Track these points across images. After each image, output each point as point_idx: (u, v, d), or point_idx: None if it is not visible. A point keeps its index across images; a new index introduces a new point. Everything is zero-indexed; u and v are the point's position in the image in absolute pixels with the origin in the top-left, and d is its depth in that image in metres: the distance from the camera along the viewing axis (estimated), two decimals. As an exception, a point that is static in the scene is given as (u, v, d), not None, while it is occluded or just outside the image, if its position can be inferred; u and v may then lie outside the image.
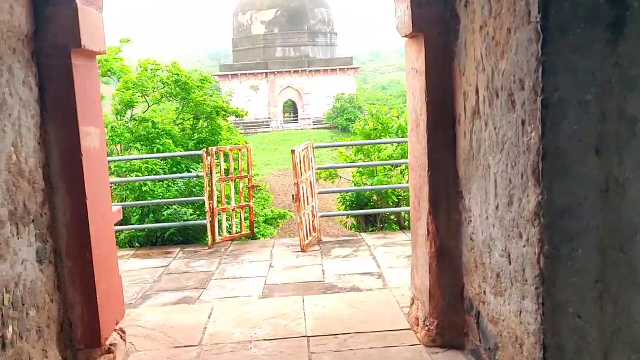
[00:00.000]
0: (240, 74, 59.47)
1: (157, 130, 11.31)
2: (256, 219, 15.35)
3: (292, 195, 7.67)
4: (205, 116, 14.03)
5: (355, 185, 8.85)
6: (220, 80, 60.90)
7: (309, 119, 59.57)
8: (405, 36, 3.44)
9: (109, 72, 13.08)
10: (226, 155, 8.94)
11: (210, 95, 15.20)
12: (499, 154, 2.52)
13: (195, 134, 13.97)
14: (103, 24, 3.36)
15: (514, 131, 2.34)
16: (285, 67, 59.22)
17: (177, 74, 13.67)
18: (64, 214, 3.21)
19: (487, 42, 2.55)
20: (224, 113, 14.82)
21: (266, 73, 59.09)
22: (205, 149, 7.84)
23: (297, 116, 60.51)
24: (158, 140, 10.63)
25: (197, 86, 14.20)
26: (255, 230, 16.91)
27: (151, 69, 13.73)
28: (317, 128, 57.72)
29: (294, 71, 59.19)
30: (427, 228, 3.40)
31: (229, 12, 65.20)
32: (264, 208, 19.45)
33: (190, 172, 9.44)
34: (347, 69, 60.64)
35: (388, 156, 8.73)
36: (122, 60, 13.74)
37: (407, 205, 8.90)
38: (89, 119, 3.20)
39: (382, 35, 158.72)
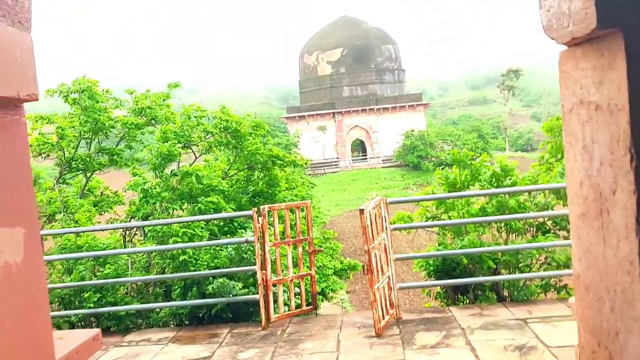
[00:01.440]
0: (308, 115, 59.08)
1: (202, 185, 10.03)
2: (322, 277, 13.86)
3: (363, 265, 6.05)
4: (261, 166, 12.63)
5: (439, 246, 7.14)
6: (288, 122, 60.85)
7: (378, 157, 58.05)
8: (568, 43, 1.82)
9: (153, 121, 12.24)
10: (281, 215, 7.47)
11: (265, 143, 13.63)
12: None
13: (250, 186, 12.63)
14: (33, 51, 1.99)
15: None
16: (352, 106, 58.34)
17: (227, 120, 12.30)
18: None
19: None
20: (281, 162, 13.23)
21: (333, 113, 58.39)
22: (255, 209, 6.42)
23: (365, 155, 59.13)
24: (203, 198, 9.36)
25: (250, 133, 12.75)
26: (324, 285, 15.36)
27: (195, 117, 12.49)
28: (387, 166, 56.11)
29: (362, 110, 58.17)
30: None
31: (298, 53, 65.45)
32: (333, 259, 17.88)
33: (244, 233, 8.03)
34: (417, 105, 58.99)
35: (479, 209, 7.00)
36: (170, 107, 12.82)
37: (507, 271, 7.05)
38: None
39: (450, 69, 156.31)
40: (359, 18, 63.59)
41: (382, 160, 57.44)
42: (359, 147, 60.34)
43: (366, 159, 58.74)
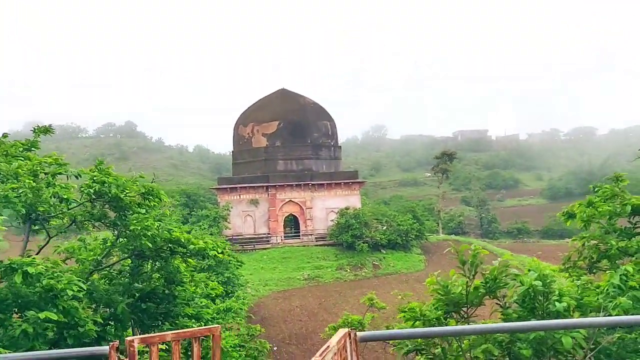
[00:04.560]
0: (240, 187, 56.41)
1: (38, 289, 6.59)
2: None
3: None
4: (153, 254, 8.75)
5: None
6: (219, 194, 57.85)
7: (311, 234, 55.64)
8: None
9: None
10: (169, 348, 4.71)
11: (160, 220, 9.49)
12: None
13: (137, 283, 8.87)
14: None
15: None
16: (287, 180, 56.30)
17: (103, 183, 8.43)
18: None
19: None
20: (183, 250, 9.01)
21: (267, 187, 56.05)
22: (115, 343, 3.65)
23: (298, 232, 56.59)
24: (35, 310, 6.11)
25: (139, 204, 8.87)
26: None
27: (47, 174, 8.56)
28: (320, 244, 53.70)
29: (296, 185, 56.18)
30: None
31: (232, 123, 63.55)
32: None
33: None
34: (352, 183, 57.70)
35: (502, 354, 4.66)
36: (33, 159, 8.86)
37: None
38: None
39: (383, 150, 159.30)
40: (296, 92, 62.86)
41: (316, 238, 55.04)
42: (292, 223, 57.83)
43: (299, 235, 56.16)
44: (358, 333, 3.79)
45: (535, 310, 4.73)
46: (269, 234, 55.79)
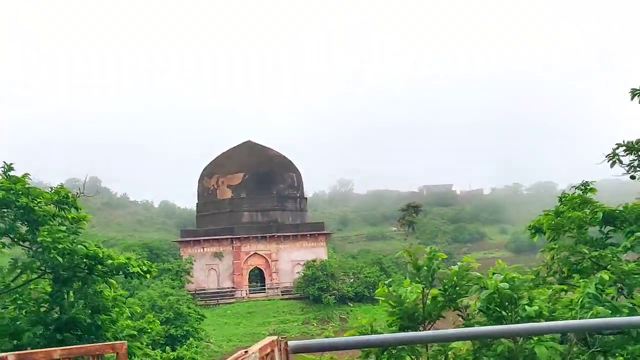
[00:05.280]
0: (203, 239, 55.06)
1: None
2: None
3: None
4: (69, 274, 7.62)
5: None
6: (182, 247, 56.37)
7: (277, 288, 54.27)
8: None
9: None
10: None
11: (74, 233, 8.19)
12: None
13: (60, 311, 7.64)
14: None
15: None
16: (252, 232, 55.25)
17: (10, 190, 7.49)
18: None
19: None
20: (103, 269, 7.82)
21: (232, 239, 54.86)
22: None
23: (264, 285, 55.17)
24: None
25: (54, 215, 7.96)
26: None
27: None
28: (286, 298, 52.34)
29: (262, 237, 55.16)
30: None
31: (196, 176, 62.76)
32: None
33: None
34: (318, 234, 57.02)
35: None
36: None
37: None
38: None
39: (350, 205, 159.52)
40: (262, 144, 62.78)
41: (282, 292, 53.66)
42: (258, 277, 56.43)
43: (264, 289, 54.70)
44: (290, 342, 3.21)
45: (502, 319, 4.22)
46: (233, 287, 54.22)
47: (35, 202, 8.04)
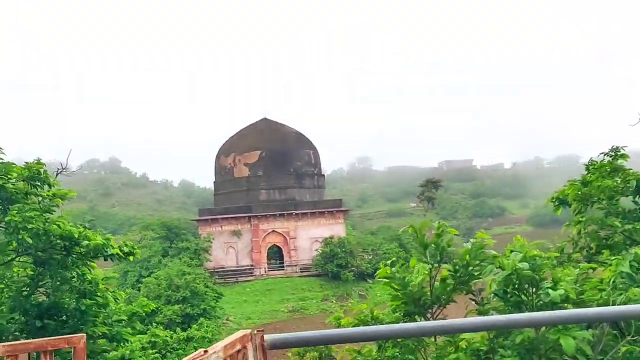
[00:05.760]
0: (221, 218, 54.97)
1: None
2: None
3: None
4: (45, 256, 7.07)
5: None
6: (200, 225, 56.34)
7: (295, 265, 54.12)
8: None
9: None
10: None
11: (46, 211, 7.56)
12: None
13: (38, 296, 7.25)
14: None
15: None
16: (270, 210, 54.98)
17: None
18: None
19: None
20: (80, 250, 7.20)
21: (249, 217, 54.66)
22: None
23: (282, 263, 55.05)
24: None
25: (27, 192, 7.39)
26: None
27: None
28: (305, 275, 52.19)
29: (280, 215, 54.86)
30: None
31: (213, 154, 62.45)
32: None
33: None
34: (336, 211, 56.51)
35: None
36: None
37: None
38: None
39: (369, 182, 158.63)
40: (278, 121, 62.12)
41: (300, 269, 53.52)
42: (276, 254, 56.30)
43: (283, 267, 54.60)
44: (267, 336, 2.65)
45: (522, 304, 3.60)
46: (252, 265, 54.19)
47: (5, 178, 7.52)
